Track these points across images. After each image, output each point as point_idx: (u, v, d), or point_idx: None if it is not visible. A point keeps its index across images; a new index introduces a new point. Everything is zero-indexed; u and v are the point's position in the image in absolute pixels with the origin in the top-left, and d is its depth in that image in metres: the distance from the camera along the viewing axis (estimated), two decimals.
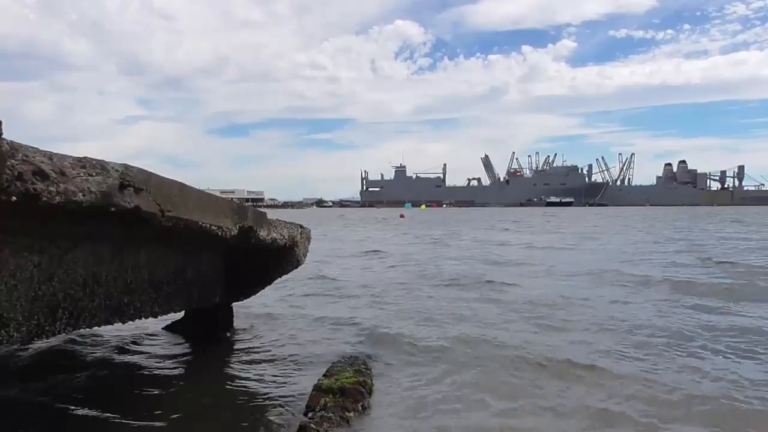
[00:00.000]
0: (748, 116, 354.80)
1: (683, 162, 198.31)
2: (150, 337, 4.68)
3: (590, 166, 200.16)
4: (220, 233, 2.88)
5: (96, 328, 2.95)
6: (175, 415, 3.00)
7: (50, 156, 1.81)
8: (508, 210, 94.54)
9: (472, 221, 38.11)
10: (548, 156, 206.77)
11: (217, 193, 3.33)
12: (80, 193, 1.88)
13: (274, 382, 3.64)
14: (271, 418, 3.01)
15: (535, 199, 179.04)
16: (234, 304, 4.88)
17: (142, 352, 4.26)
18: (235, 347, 4.54)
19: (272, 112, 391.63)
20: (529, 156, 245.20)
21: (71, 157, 1.92)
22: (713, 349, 4.34)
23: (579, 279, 8.59)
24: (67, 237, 2.54)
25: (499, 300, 6.62)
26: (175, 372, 3.82)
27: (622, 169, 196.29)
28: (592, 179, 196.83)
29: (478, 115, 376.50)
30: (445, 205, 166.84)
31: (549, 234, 22.47)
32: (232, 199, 3.54)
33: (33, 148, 1.77)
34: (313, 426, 2.62)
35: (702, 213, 59.18)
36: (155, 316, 3.44)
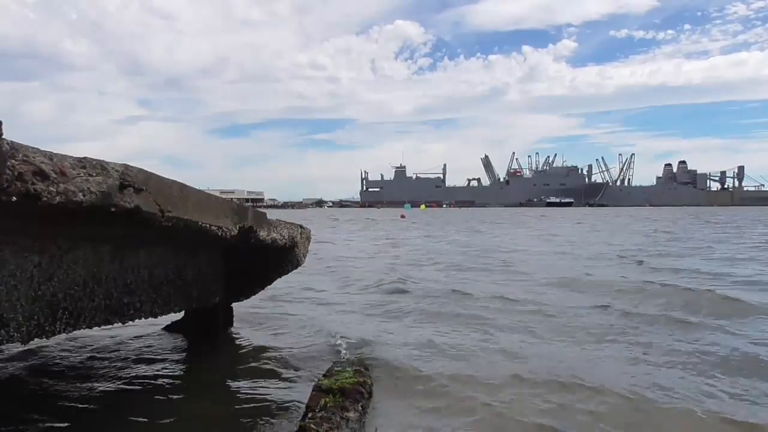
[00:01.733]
0: (748, 117, 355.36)
1: (683, 162, 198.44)
2: (150, 337, 4.68)
3: (590, 167, 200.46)
4: (220, 233, 2.88)
5: (95, 328, 2.94)
6: (175, 415, 3.01)
7: (50, 156, 1.81)
8: (507, 210, 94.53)
9: (456, 222, 38.14)
10: (548, 156, 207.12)
11: (217, 194, 3.33)
12: (80, 194, 1.88)
13: (274, 381, 3.64)
14: (272, 418, 3.01)
15: (535, 200, 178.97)
16: (234, 304, 4.88)
17: (141, 352, 4.26)
18: (235, 347, 4.54)
19: (272, 112, 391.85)
20: (529, 156, 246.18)
21: (71, 157, 1.91)
22: None
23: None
24: (67, 237, 2.54)
25: None
26: (175, 372, 3.82)
27: (622, 169, 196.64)
28: (592, 179, 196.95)
29: (479, 116, 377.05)
30: (445, 206, 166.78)
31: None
32: (232, 199, 3.53)
33: (33, 148, 1.77)
34: (313, 426, 2.61)
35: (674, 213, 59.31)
36: (155, 317, 3.44)
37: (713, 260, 11.71)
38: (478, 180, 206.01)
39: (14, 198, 1.68)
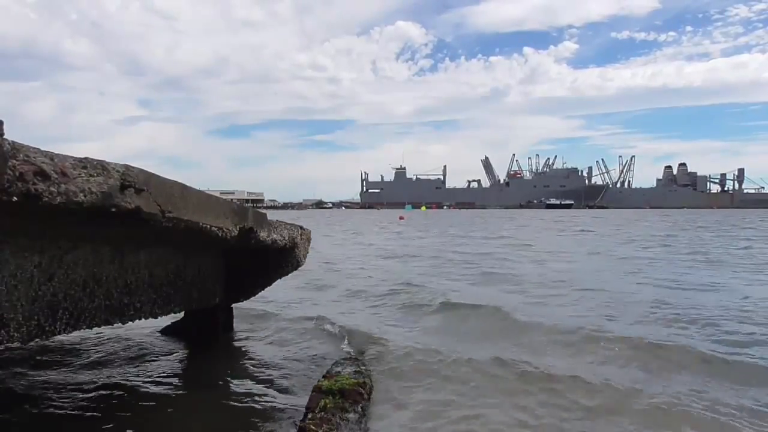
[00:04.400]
0: (749, 119, 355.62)
1: (683, 164, 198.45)
2: (148, 338, 4.68)
3: (590, 169, 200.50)
4: (220, 234, 2.88)
5: (96, 328, 2.94)
6: (173, 416, 3.01)
7: (51, 156, 1.81)
8: (506, 212, 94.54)
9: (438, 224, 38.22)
10: (548, 158, 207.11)
11: (217, 194, 3.33)
12: (81, 194, 1.88)
13: (274, 383, 3.64)
14: (271, 419, 3.01)
15: (535, 201, 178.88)
16: (234, 305, 4.87)
17: (140, 353, 4.25)
18: (235, 348, 4.54)
19: (273, 113, 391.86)
20: (529, 158, 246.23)
21: (72, 157, 1.91)
22: None
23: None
24: (67, 237, 2.54)
25: None
26: (174, 372, 3.82)
27: (622, 171, 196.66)
28: (592, 181, 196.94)
29: (479, 117, 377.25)
30: (445, 207, 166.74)
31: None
32: (232, 200, 3.54)
33: (34, 148, 1.77)
34: (313, 427, 2.61)
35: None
36: (155, 317, 3.44)
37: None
38: (479, 181, 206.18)
39: (15, 198, 1.68)
